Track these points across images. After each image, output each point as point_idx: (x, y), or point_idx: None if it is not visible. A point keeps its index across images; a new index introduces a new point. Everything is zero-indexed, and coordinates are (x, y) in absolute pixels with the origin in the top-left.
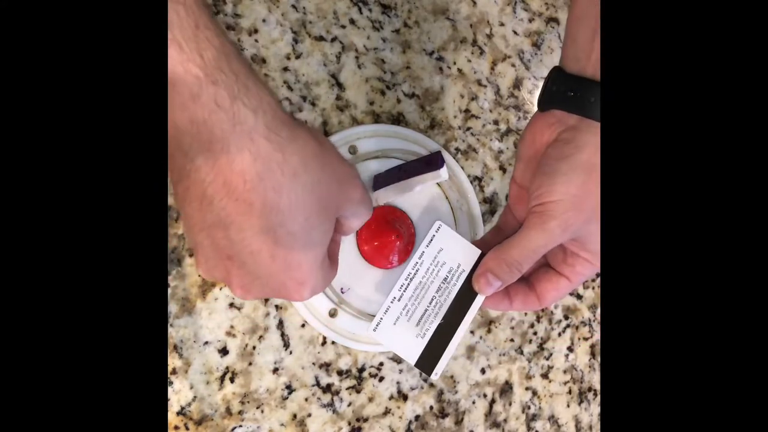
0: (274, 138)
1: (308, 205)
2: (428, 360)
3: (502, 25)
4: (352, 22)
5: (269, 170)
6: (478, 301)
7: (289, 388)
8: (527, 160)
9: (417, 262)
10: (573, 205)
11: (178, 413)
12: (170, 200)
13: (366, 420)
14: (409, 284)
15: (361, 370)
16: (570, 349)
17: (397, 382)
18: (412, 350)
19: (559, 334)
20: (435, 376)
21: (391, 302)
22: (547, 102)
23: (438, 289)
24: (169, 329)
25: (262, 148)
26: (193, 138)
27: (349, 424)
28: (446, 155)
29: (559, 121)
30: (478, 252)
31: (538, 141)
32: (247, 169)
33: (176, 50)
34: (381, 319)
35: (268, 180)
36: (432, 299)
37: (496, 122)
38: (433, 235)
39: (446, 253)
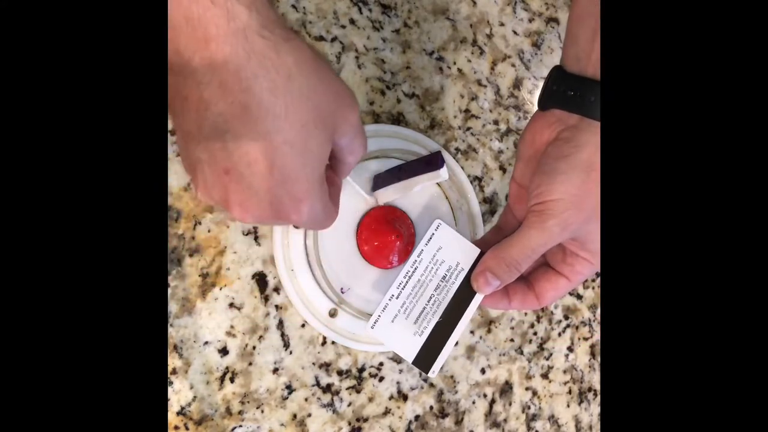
0: (269, 35)
1: (304, 111)
2: (426, 358)
3: (502, 25)
4: (352, 22)
5: (264, 68)
6: (477, 299)
7: (289, 388)
8: (527, 160)
9: (416, 260)
10: (572, 204)
11: (178, 413)
12: (170, 200)
13: (366, 420)
14: (407, 282)
15: (361, 370)
16: (570, 349)
17: (397, 382)
18: (410, 348)
19: (559, 334)
20: (432, 374)
21: (389, 300)
22: (547, 101)
23: (437, 287)
24: (169, 329)
25: (256, 45)
26: (189, 38)
27: (349, 424)
28: (446, 155)
29: (559, 120)
30: (478, 251)
31: (538, 140)
32: (242, 68)
33: None
34: (379, 316)
35: (263, 79)
36: (430, 297)
37: (496, 122)
38: (433, 234)
39: (445, 252)
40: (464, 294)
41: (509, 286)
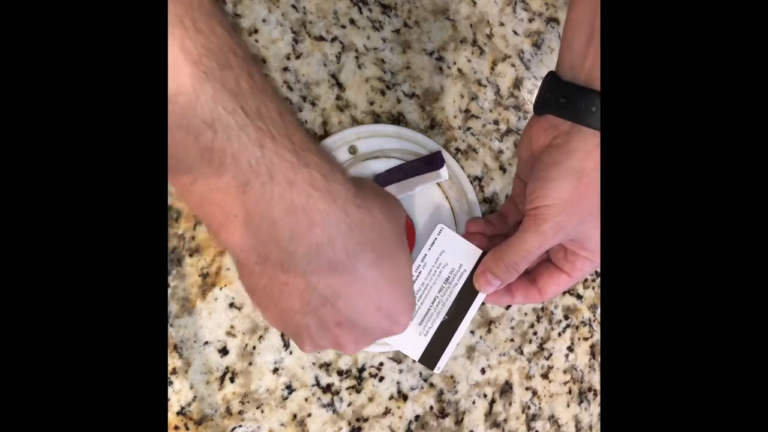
0: (361, 203)
1: (393, 244)
2: (431, 356)
3: (502, 25)
4: (352, 22)
5: (364, 235)
6: (480, 298)
7: (289, 388)
8: (525, 161)
9: (419, 265)
10: (565, 208)
11: (178, 413)
12: (170, 200)
13: (366, 420)
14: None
15: (361, 370)
16: (570, 349)
17: (397, 382)
18: (416, 347)
19: (559, 334)
20: (437, 371)
21: None
22: (541, 107)
23: (440, 289)
24: (169, 329)
25: (356, 217)
26: (293, 229)
27: (349, 424)
28: (446, 155)
29: (553, 126)
30: (479, 252)
31: (534, 144)
32: (347, 242)
33: (269, 140)
34: None
35: (366, 244)
36: (434, 299)
37: (496, 122)
38: (435, 238)
39: (448, 255)
40: (467, 294)
41: (512, 282)
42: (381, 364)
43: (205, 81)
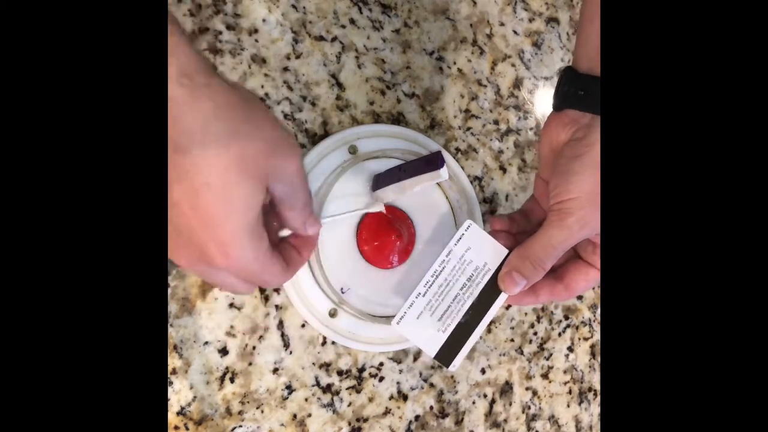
0: (186, 83)
1: (224, 155)
2: (447, 353)
3: (502, 25)
4: (352, 22)
5: (180, 113)
6: (501, 299)
7: (289, 388)
8: (547, 160)
9: (444, 260)
10: (588, 201)
11: (178, 413)
12: None
13: (366, 420)
14: (434, 281)
15: (361, 370)
16: (570, 349)
17: (397, 382)
18: (433, 344)
19: (559, 334)
20: (453, 368)
21: (416, 297)
22: (560, 102)
23: (462, 286)
24: (169, 329)
25: (173, 92)
26: None
27: (349, 424)
28: (446, 155)
29: (573, 120)
30: (505, 251)
31: (555, 141)
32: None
33: None
34: (405, 313)
35: (179, 124)
36: (456, 296)
37: (496, 122)
38: (463, 234)
39: (473, 252)
40: (489, 293)
41: (536, 282)
42: (381, 364)
43: None
